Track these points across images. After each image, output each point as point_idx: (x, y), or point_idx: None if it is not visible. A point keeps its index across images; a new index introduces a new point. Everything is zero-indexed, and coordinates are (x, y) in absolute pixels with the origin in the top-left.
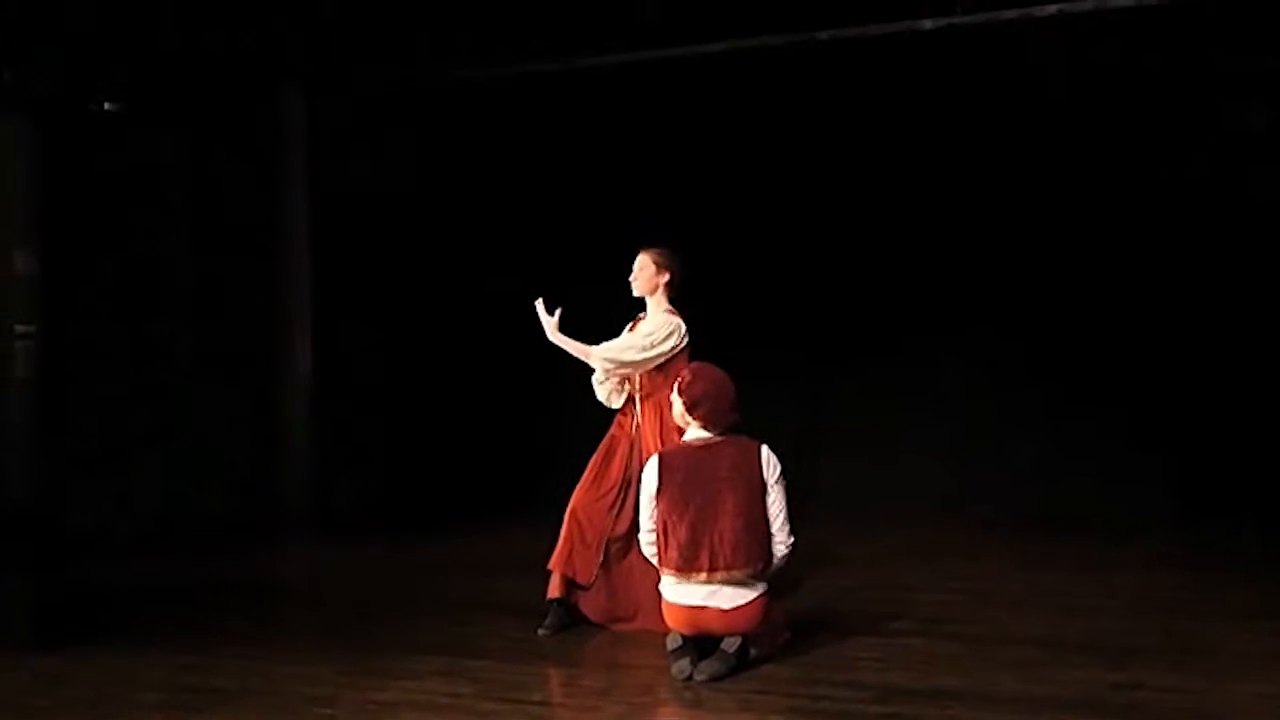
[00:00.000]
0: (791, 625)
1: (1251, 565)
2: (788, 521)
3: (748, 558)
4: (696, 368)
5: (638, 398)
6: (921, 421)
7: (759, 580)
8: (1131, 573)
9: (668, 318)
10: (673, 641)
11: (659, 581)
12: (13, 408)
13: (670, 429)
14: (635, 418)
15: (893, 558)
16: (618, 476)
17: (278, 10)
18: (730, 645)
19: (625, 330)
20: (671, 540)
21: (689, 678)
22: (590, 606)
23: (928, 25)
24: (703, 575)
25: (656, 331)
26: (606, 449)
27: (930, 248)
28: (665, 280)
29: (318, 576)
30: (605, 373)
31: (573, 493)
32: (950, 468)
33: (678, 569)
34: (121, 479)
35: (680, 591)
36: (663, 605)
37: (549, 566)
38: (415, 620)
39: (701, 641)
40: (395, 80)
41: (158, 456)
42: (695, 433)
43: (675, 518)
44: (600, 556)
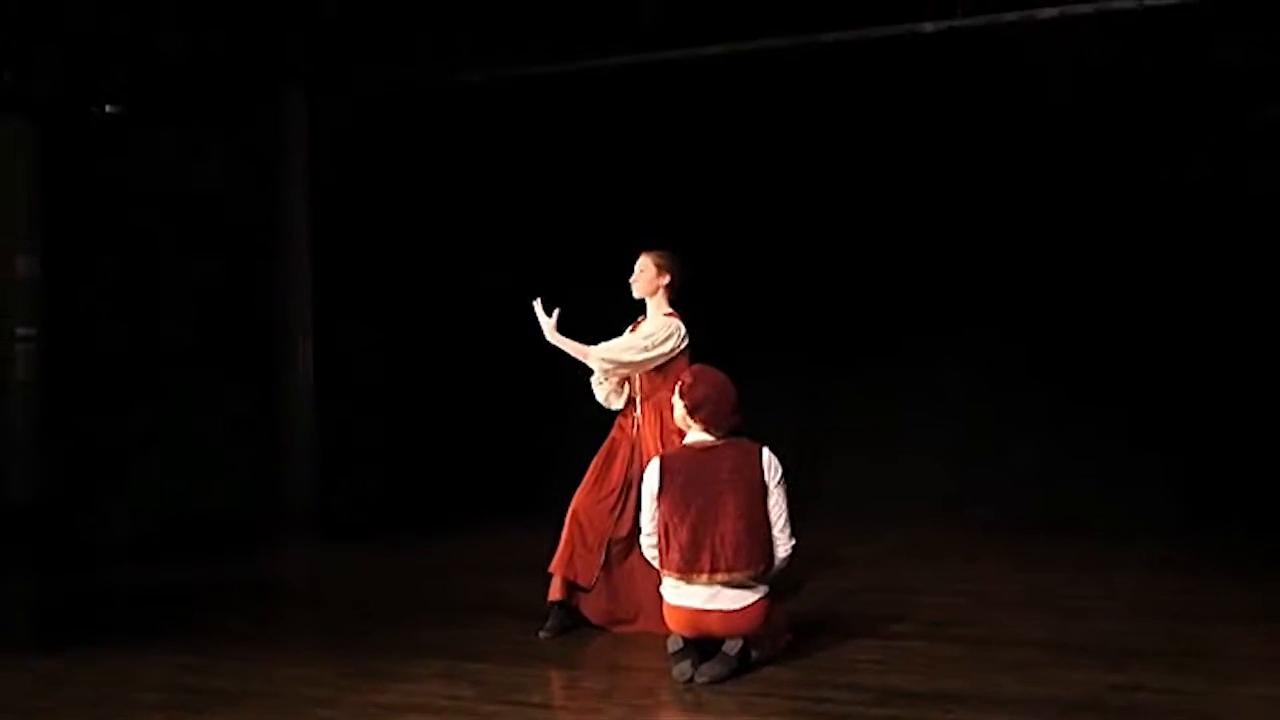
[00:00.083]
0: (793, 627)
1: (1253, 568)
2: (789, 524)
3: (749, 560)
4: (698, 371)
5: (638, 400)
6: (922, 422)
7: (760, 582)
8: (1133, 575)
9: (667, 320)
10: (674, 644)
11: (660, 584)
12: (14, 410)
13: (671, 431)
14: (636, 420)
15: (893, 559)
16: (619, 479)
17: (278, 10)
18: (731, 647)
19: (626, 331)
20: (673, 542)
21: (690, 680)
22: (591, 609)
23: (929, 28)
24: (704, 577)
25: (656, 333)
26: (607, 451)
27: (931, 248)
28: (665, 282)
29: (318, 578)
30: (603, 373)
31: (574, 495)
32: (951, 469)
33: (679, 571)
34: (122, 480)
35: (681, 594)
36: (664, 607)
37: (550, 569)
38: (416, 622)
39: (703, 644)
40: (396, 81)
41: (158, 457)
42: (696, 435)
43: (676, 520)
44: (601, 559)
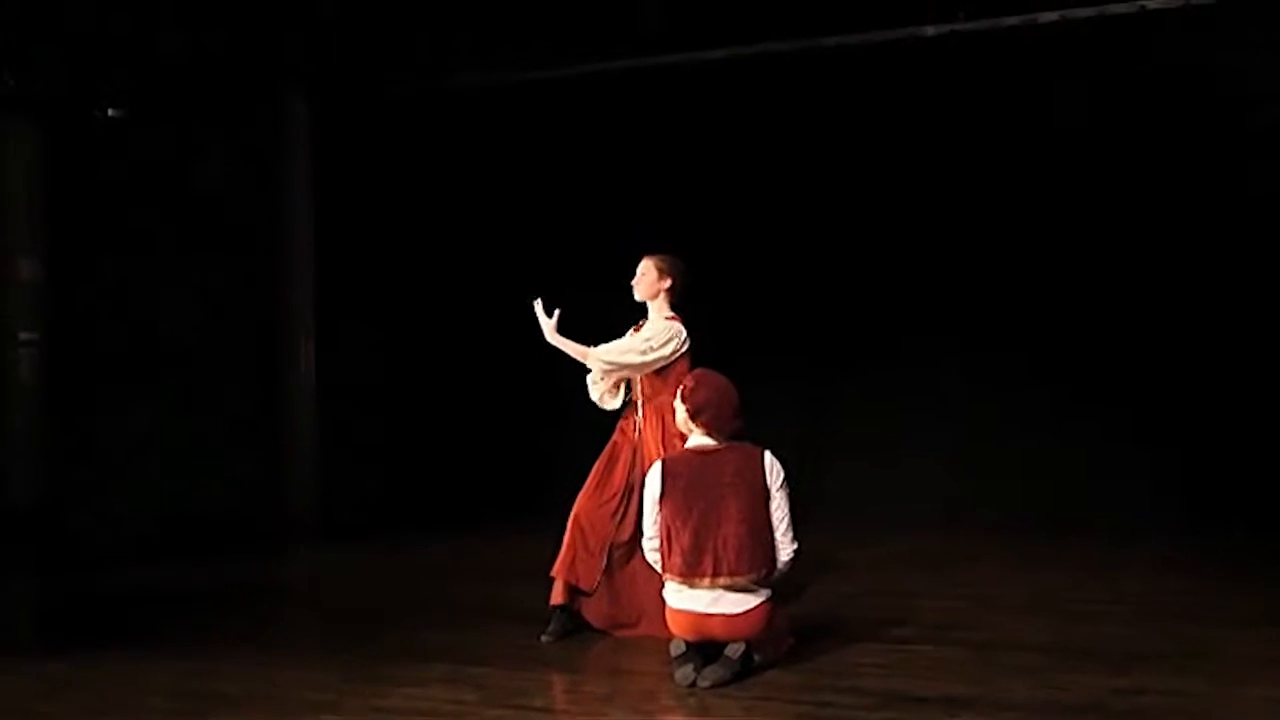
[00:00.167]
0: (795, 631)
1: (1256, 570)
2: (791, 527)
3: (751, 564)
4: (699, 375)
5: (640, 404)
6: (923, 425)
7: (763, 586)
8: (1136, 577)
9: (669, 323)
10: (676, 648)
11: (662, 587)
12: (16, 414)
13: (673, 435)
14: (638, 424)
15: (895, 563)
16: (621, 483)
17: (278, 11)
18: (734, 651)
19: (628, 334)
20: (675, 546)
21: (693, 684)
22: (593, 613)
23: (930, 31)
24: (706, 581)
25: (656, 336)
26: (609, 455)
27: (932, 251)
28: (667, 286)
29: (319, 580)
30: (603, 374)
31: (575, 499)
32: (952, 472)
33: (681, 575)
34: (124, 482)
35: (684, 597)
36: (666, 611)
37: (552, 573)
38: (418, 626)
39: (705, 648)
40: (397, 82)
41: (160, 459)
42: (698, 439)
43: (679, 524)
44: (603, 563)
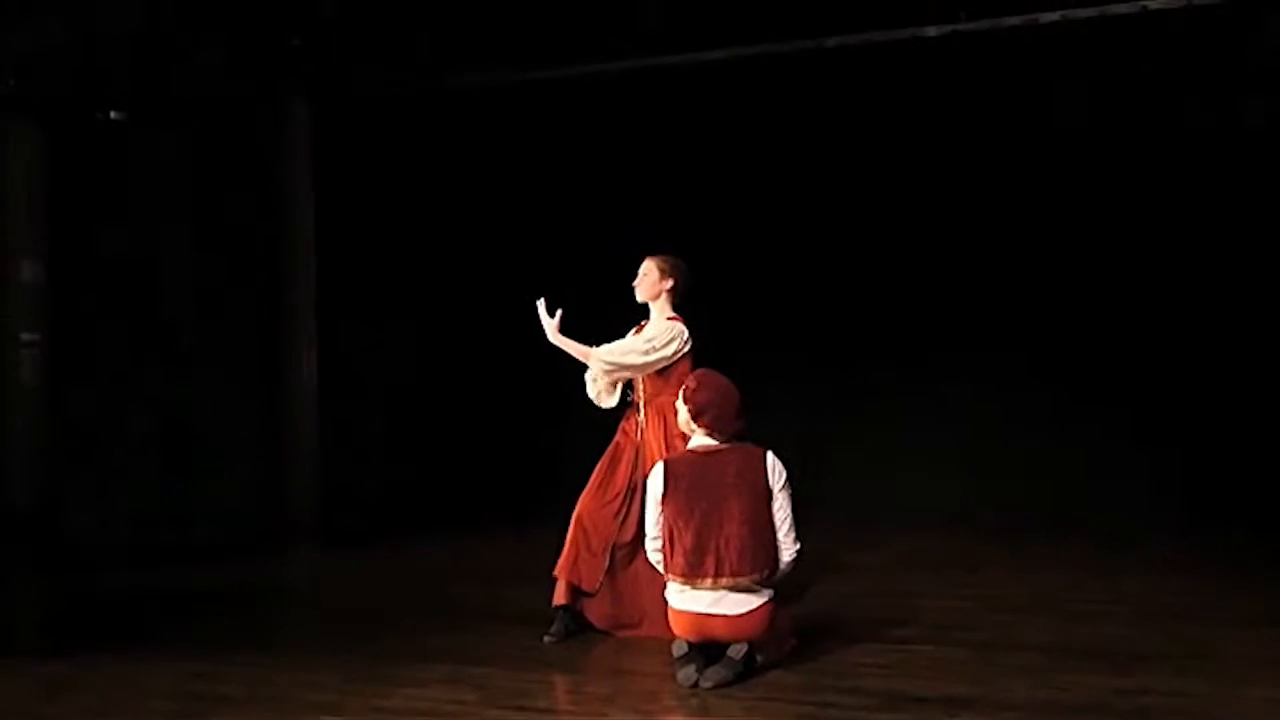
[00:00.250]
0: (797, 632)
1: (1256, 570)
2: (793, 528)
3: (754, 564)
4: (701, 375)
5: (642, 404)
6: (925, 426)
7: (765, 587)
8: (1137, 578)
9: (670, 324)
10: (678, 648)
11: (664, 588)
12: (17, 415)
13: (675, 435)
14: (640, 424)
15: (897, 564)
16: (623, 483)
17: (279, 12)
18: (736, 652)
19: (630, 334)
20: (677, 547)
21: (695, 685)
22: (595, 613)
23: (932, 32)
24: (708, 582)
25: (658, 336)
26: (612, 455)
27: (933, 251)
28: (669, 287)
29: (321, 581)
30: (604, 375)
31: (578, 499)
32: (954, 473)
33: (684, 575)
34: (125, 483)
35: (686, 598)
36: (668, 612)
37: (554, 573)
38: (420, 627)
39: (707, 648)
40: (397, 82)
41: (161, 460)
42: (700, 440)
43: (681, 524)
44: (605, 563)
